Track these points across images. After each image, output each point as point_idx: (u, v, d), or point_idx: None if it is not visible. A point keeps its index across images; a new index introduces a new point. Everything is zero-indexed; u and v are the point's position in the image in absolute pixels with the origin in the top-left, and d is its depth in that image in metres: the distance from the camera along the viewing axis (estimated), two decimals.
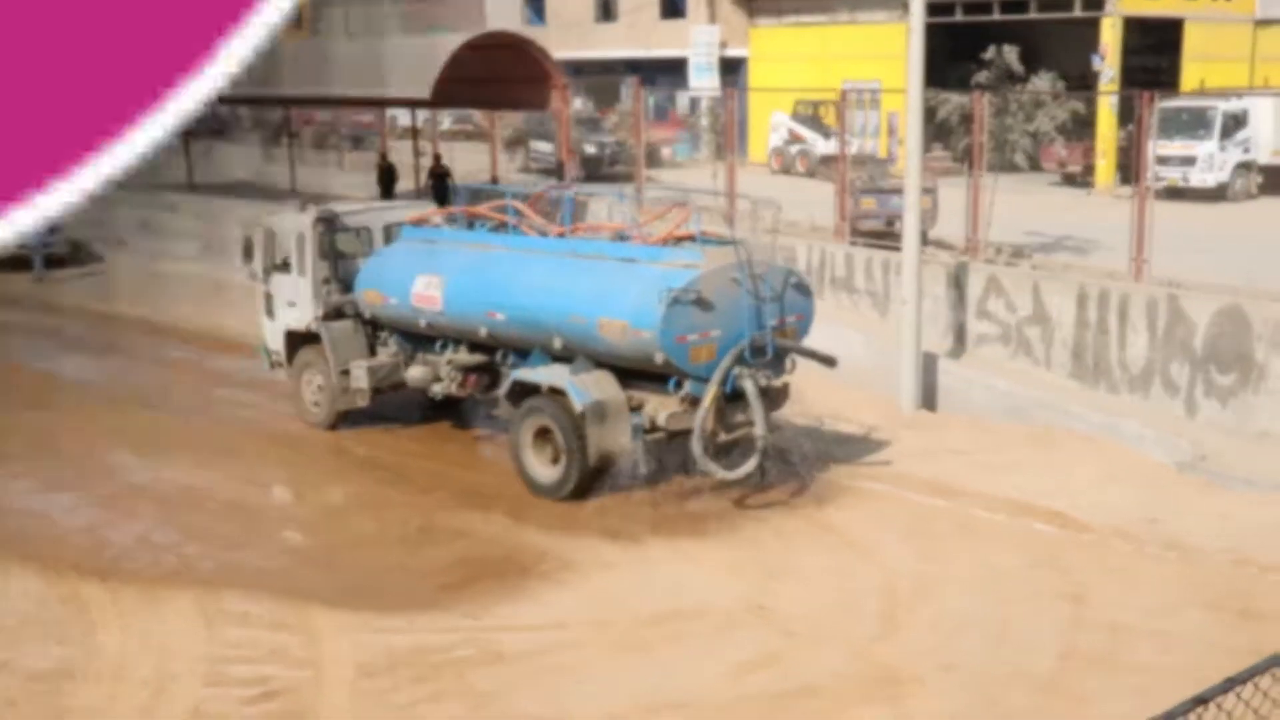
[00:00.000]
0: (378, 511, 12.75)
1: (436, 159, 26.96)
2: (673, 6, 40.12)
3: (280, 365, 15.90)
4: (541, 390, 12.68)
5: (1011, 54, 29.99)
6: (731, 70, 38.09)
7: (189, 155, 29.01)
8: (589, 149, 31.63)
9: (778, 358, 12.44)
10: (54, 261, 25.65)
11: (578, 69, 34.95)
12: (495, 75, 23.94)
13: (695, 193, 16.13)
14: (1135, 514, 11.72)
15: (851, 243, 18.95)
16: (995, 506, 12.10)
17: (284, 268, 15.48)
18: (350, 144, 36.81)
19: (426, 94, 22.79)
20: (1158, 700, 4.40)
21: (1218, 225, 21.68)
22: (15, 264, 24.85)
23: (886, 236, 18.63)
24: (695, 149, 36.96)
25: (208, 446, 14.83)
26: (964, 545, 11.31)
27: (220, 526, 12.32)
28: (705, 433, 11.87)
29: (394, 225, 15.32)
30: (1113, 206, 21.34)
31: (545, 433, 12.57)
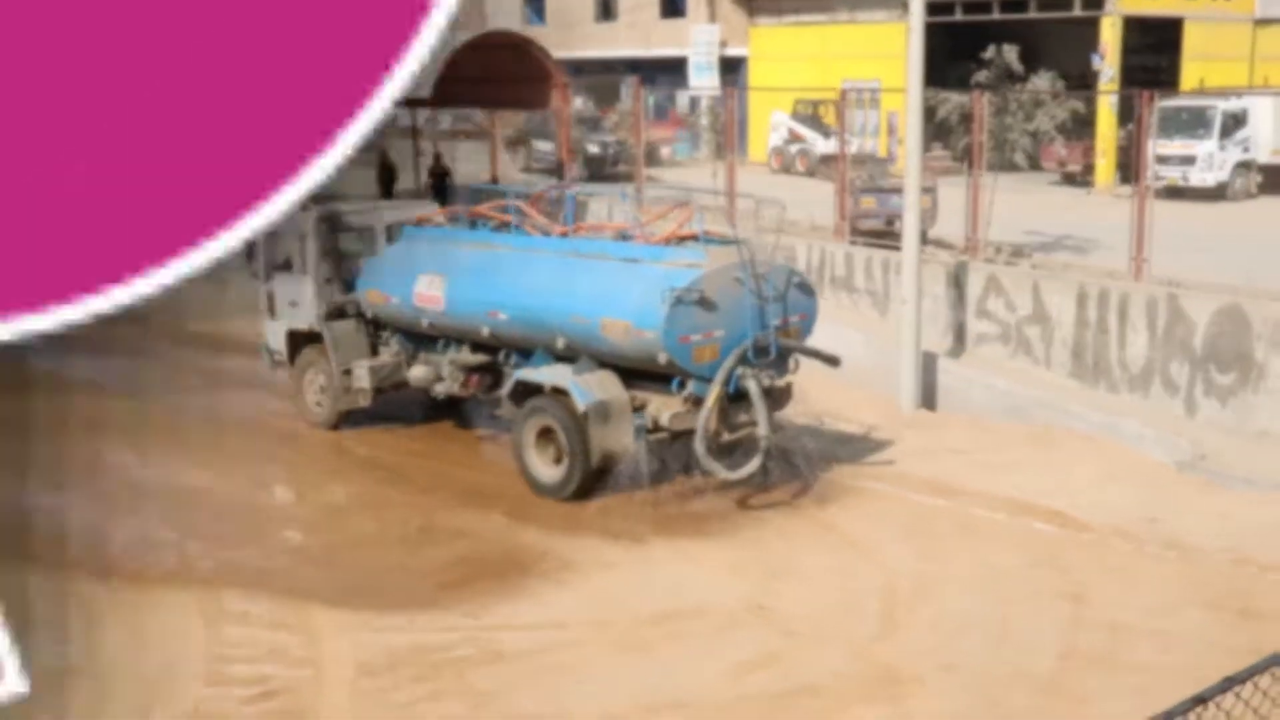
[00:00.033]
0: (378, 511, 12.74)
1: (437, 158, 26.94)
2: (673, 6, 40.13)
3: (282, 364, 15.90)
4: (544, 390, 12.67)
5: (1011, 53, 30.03)
6: (731, 69, 38.10)
7: None
8: (593, 149, 31.61)
9: (781, 358, 12.43)
10: None
11: (578, 68, 34.94)
12: (496, 74, 23.93)
13: (696, 192, 16.12)
14: (1135, 513, 11.72)
15: (851, 242, 18.96)
16: (995, 506, 12.10)
17: (286, 267, 15.48)
18: None
19: (426, 93, 22.77)
20: (1158, 700, 4.40)
21: (1217, 224, 21.69)
22: None
23: (886, 236, 18.64)
24: (695, 148, 36.97)
25: (208, 445, 14.82)
26: (964, 545, 11.32)
27: (220, 525, 12.32)
28: (708, 433, 11.86)
29: (396, 225, 15.31)
30: (1112, 206, 21.35)
31: (548, 433, 12.55)
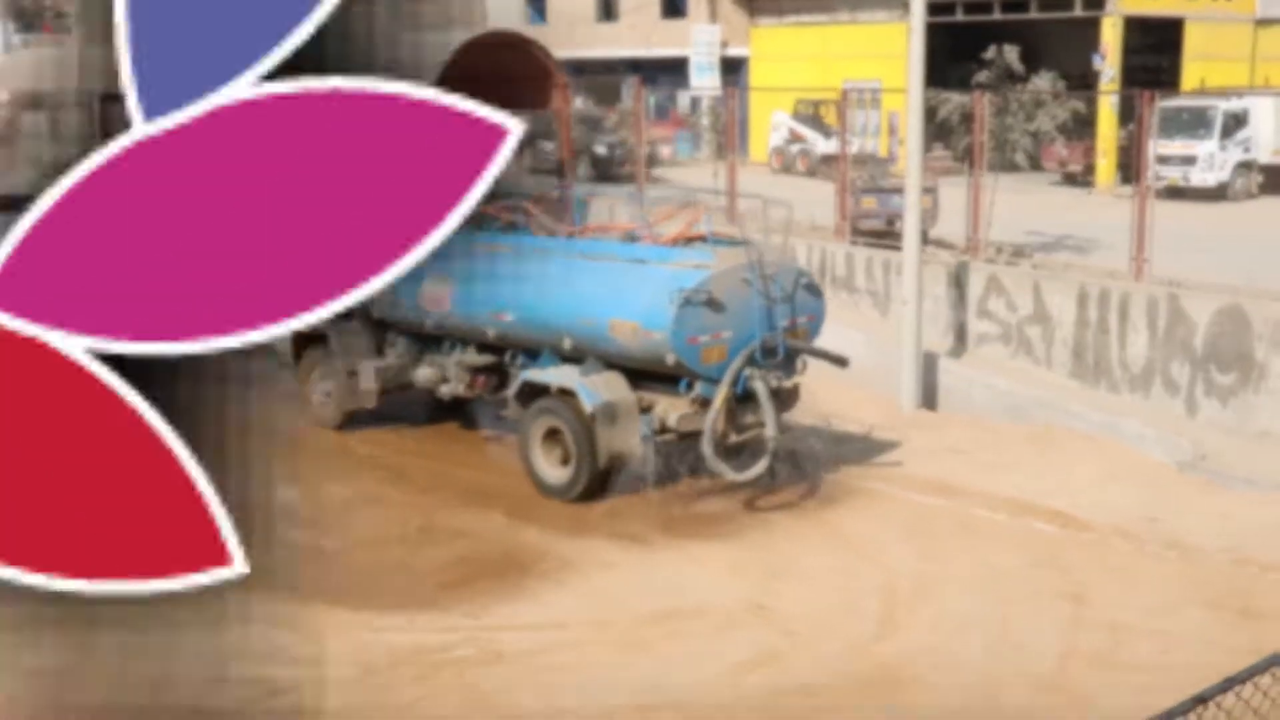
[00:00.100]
0: (379, 510, 12.73)
1: None
2: (674, 6, 40.14)
3: (286, 365, 15.90)
4: (551, 391, 12.63)
5: (1012, 54, 30.04)
6: (732, 70, 38.13)
7: None
8: (599, 150, 31.54)
9: (789, 359, 12.41)
10: None
11: (579, 68, 34.94)
12: (496, 74, 23.90)
13: (699, 193, 16.12)
14: (1135, 513, 11.72)
15: (852, 242, 18.96)
16: (996, 506, 12.10)
17: None
18: None
19: None
20: (1158, 699, 4.40)
21: (1218, 225, 21.70)
22: None
23: (887, 236, 18.65)
24: (696, 148, 36.98)
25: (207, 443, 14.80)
26: (964, 545, 11.31)
27: None
28: (716, 434, 11.82)
29: None
30: (1113, 206, 21.34)
31: (554, 434, 12.52)
